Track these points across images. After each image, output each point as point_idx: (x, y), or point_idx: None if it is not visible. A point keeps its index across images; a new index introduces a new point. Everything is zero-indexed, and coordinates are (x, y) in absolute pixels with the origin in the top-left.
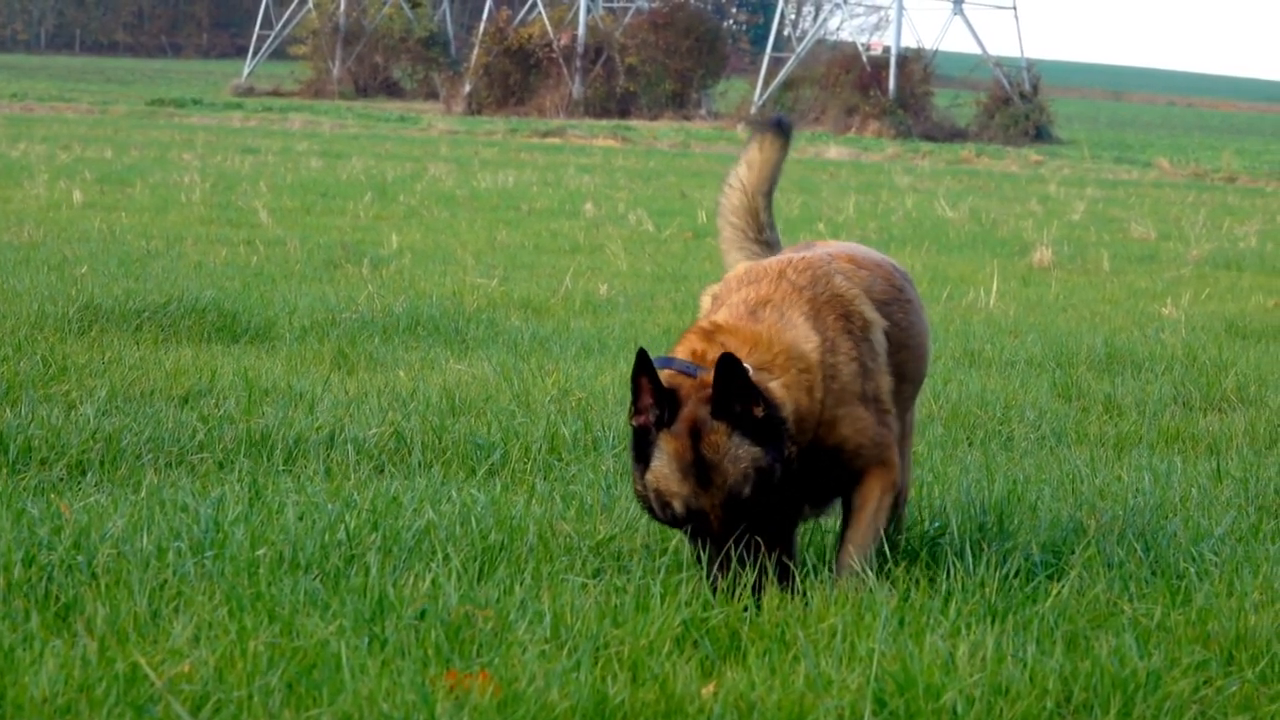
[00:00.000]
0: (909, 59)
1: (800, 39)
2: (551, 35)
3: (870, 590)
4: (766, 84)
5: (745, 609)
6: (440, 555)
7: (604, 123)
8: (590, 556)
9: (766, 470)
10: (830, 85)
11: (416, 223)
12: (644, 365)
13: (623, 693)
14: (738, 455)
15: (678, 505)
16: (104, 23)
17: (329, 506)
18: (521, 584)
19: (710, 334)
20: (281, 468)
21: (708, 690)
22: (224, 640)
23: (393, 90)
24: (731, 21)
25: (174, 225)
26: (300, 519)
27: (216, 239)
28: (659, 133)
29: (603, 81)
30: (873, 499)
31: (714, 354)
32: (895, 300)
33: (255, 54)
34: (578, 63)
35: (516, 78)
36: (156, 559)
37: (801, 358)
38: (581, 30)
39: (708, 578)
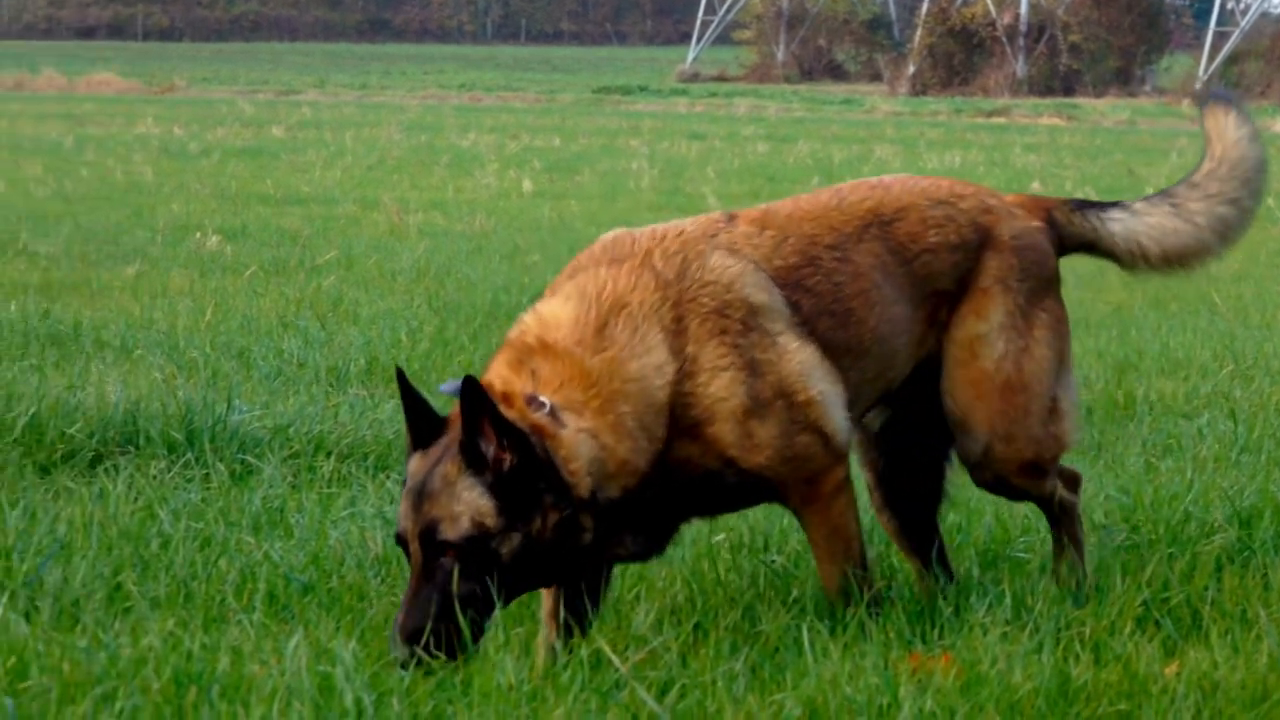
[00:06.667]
0: None
1: (1244, 13)
2: (994, 14)
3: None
4: (1210, 59)
5: (1205, 587)
6: None
7: (1048, 101)
8: (1048, 537)
9: (489, 531)
10: (1277, 59)
11: None
12: (403, 388)
13: (1085, 674)
14: (459, 495)
15: (396, 525)
16: (549, 12)
17: None
18: (980, 565)
19: (524, 358)
20: None
21: (1170, 670)
22: (686, 626)
23: (837, 73)
24: None
25: (623, 212)
26: None
27: None
28: (1104, 110)
29: (1045, 60)
30: (819, 532)
31: (519, 385)
32: (814, 261)
33: (699, 40)
34: (1020, 41)
35: (960, 58)
36: None
37: (644, 394)
38: (1024, 9)
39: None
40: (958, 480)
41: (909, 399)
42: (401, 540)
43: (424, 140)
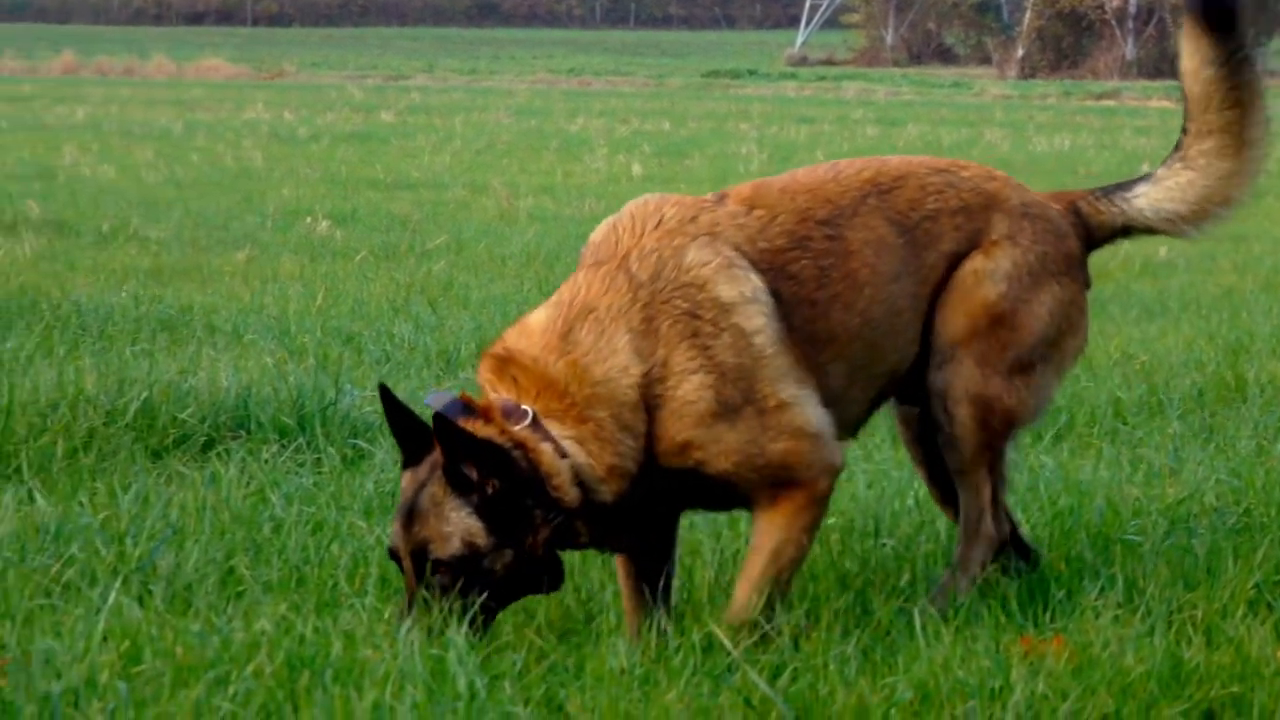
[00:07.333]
0: None
1: None
2: None
3: None
4: None
5: None
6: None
7: (1157, 84)
8: (1159, 519)
9: (478, 550)
10: None
11: None
12: (387, 405)
13: (1197, 657)
14: (447, 516)
15: (388, 542)
16: None
17: (895, 474)
18: (1092, 548)
19: (504, 365)
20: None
21: None
22: (798, 610)
23: (945, 56)
24: None
25: None
26: (869, 487)
27: None
28: None
29: (1155, 42)
30: (769, 536)
31: (502, 389)
32: (802, 242)
33: (808, 23)
34: (1130, 24)
35: (1069, 41)
36: (728, 529)
37: (614, 395)
38: None
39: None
40: (1015, 460)
41: None
42: (394, 555)
43: (533, 125)
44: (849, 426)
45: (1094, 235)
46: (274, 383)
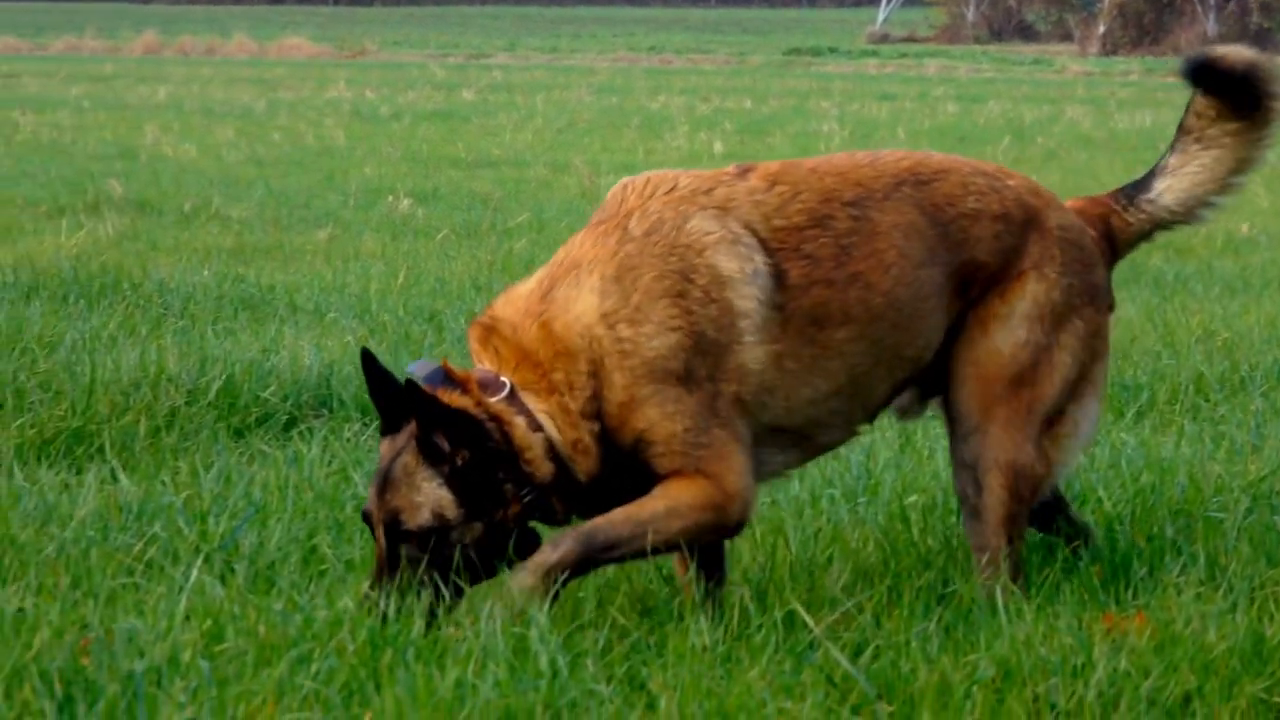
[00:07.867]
0: None
1: None
2: None
3: None
4: None
5: None
6: (1093, 498)
7: None
8: (1241, 496)
9: (449, 523)
10: None
11: (1055, 165)
12: (368, 371)
13: (1279, 634)
14: (418, 486)
15: (365, 505)
16: None
17: None
18: (1174, 525)
19: (488, 334)
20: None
21: None
22: (880, 587)
23: (1027, 33)
24: None
25: None
26: (949, 464)
27: None
28: None
29: (1236, 18)
30: (670, 498)
31: (485, 360)
32: (823, 221)
33: (889, 1)
34: (1211, 0)
35: (1150, 17)
36: (810, 506)
37: (568, 351)
38: None
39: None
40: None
41: None
42: (367, 521)
43: (614, 103)
44: (869, 411)
45: (1120, 253)
46: (356, 361)
